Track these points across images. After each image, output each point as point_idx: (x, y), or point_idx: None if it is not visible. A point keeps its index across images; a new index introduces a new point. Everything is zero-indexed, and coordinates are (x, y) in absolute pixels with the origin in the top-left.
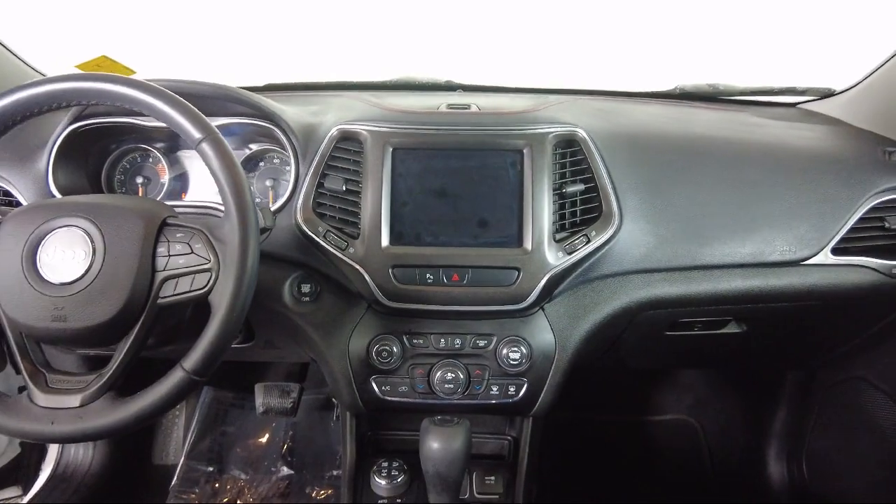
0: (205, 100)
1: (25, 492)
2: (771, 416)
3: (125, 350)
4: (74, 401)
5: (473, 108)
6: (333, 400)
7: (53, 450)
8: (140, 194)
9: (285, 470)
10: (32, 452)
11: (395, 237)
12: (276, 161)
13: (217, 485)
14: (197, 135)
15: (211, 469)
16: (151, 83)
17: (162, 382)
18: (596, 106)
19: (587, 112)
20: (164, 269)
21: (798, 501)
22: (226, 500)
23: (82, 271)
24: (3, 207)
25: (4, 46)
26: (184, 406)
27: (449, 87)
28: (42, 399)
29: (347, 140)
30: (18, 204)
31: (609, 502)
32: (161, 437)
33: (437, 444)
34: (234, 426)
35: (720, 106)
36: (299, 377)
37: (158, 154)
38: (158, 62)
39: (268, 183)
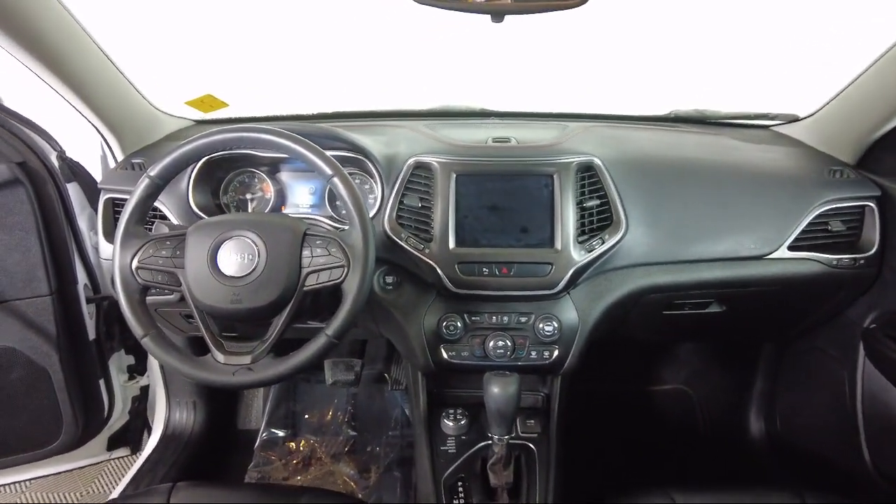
0: (318, 139)
1: (134, 452)
2: (751, 382)
3: (280, 323)
4: (247, 360)
5: (513, 142)
6: (386, 375)
7: (161, 416)
8: (249, 208)
9: (349, 432)
10: (137, 420)
11: (460, 241)
12: (357, 182)
13: (293, 445)
14: (329, 171)
15: (286, 433)
16: (290, 133)
17: (310, 344)
18: (606, 134)
19: (600, 141)
20: (308, 266)
21: (774, 449)
22: (300, 458)
23: (251, 268)
24: (159, 221)
25: (135, 88)
26: None
27: (483, 114)
28: (223, 358)
29: (420, 168)
30: (165, 218)
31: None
32: (244, 407)
33: (498, 389)
34: (304, 398)
35: (705, 129)
36: (360, 353)
37: (264, 176)
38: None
39: (338, 202)
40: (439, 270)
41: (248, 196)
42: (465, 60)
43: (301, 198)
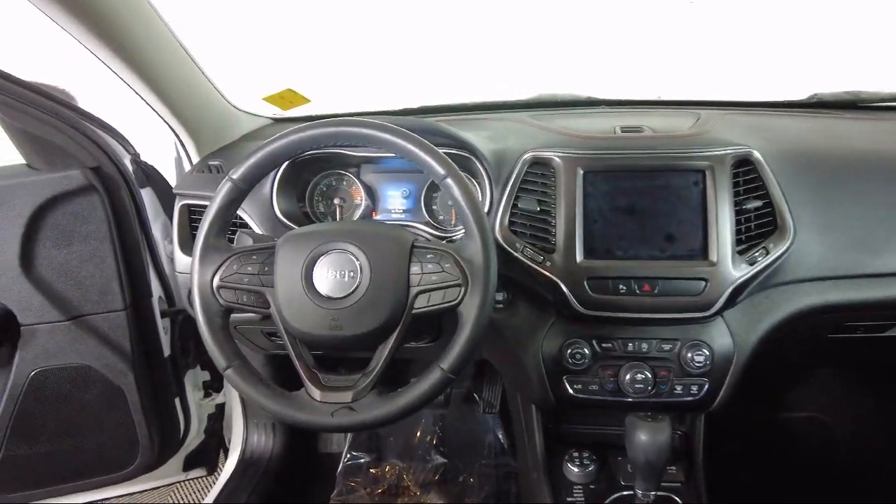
0: (419, 134)
1: (210, 472)
2: None
3: (386, 352)
4: (347, 396)
5: (648, 132)
6: (475, 395)
7: (238, 438)
8: (338, 214)
9: (438, 458)
10: (212, 439)
11: (589, 252)
12: None
13: (377, 471)
14: (442, 171)
15: (370, 458)
16: (395, 126)
17: (423, 380)
18: (749, 122)
19: (747, 131)
20: (418, 285)
21: None
22: (386, 486)
23: (352, 288)
24: (241, 231)
25: (211, 83)
26: None
27: (592, 103)
28: (319, 395)
29: (538, 164)
30: (245, 225)
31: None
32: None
33: (647, 437)
34: None
35: (859, 114)
36: None
37: (353, 178)
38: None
39: (450, 202)
40: (564, 288)
41: (336, 201)
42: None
43: (393, 202)
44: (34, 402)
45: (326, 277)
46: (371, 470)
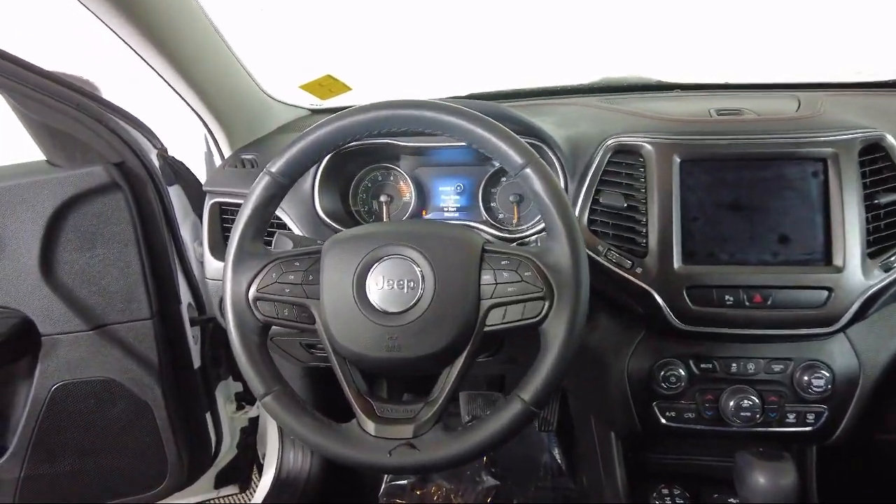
0: None
1: (243, 490)
2: None
3: (453, 378)
4: (407, 431)
5: (750, 115)
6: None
7: (273, 454)
8: (384, 213)
9: (490, 480)
10: (245, 455)
11: (688, 255)
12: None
13: (422, 493)
14: (520, 160)
15: (414, 478)
16: (463, 108)
17: (499, 413)
18: (864, 103)
19: (862, 112)
20: (490, 297)
21: None
22: None
23: (413, 301)
24: (280, 233)
25: (245, 70)
26: None
27: (663, 87)
28: (373, 428)
29: (624, 153)
30: (283, 226)
31: None
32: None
33: (766, 480)
34: None
35: None
36: (499, 385)
37: (402, 172)
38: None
39: (511, 197)
40: (659, 299)
41: (382, 199)
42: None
43: (445, 199)
44: (56, 418)
45: (382, 288)
46: (416, 491)
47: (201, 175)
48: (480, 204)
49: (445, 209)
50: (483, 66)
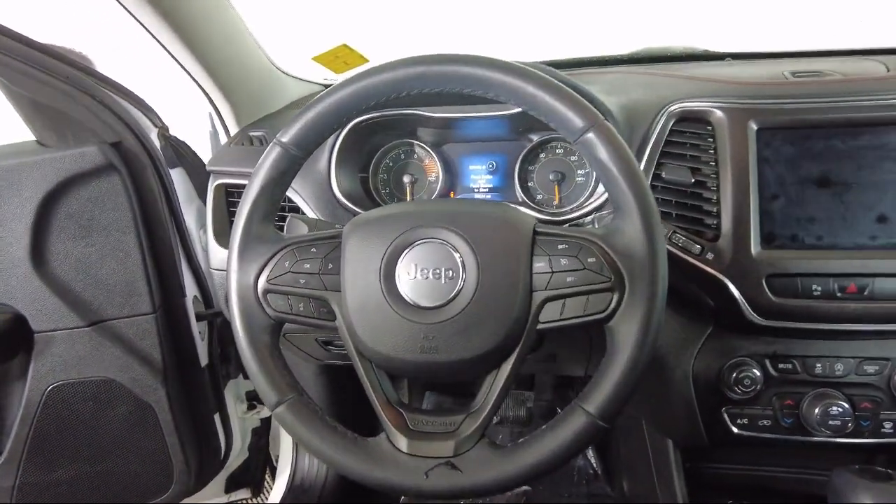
0: None
1: (255, 494)
2: None
3: (501, 384)
4: (447, 448)
5: (836, 75)
6: (559, 410)
7: (287, 457)
8: (408, 195)
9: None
10: (258, 456)
11: (768, 239)
12: (559, 151)
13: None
14: (580, 122)
15: None
16: (512, 63)
17: (559, 427)
18: None
19: None
20: (545, 289)
21: None
22: None
23: (452, 293)
24: (293, 217)
25: (255, 41)
26: None
27: (711, 56)
28: (406, 444)
29: (689, 121)
30: (296, 209)
31: None
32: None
33: (873, 502)
34: None
35: None
36: (529, 384)
37: (428, 149)
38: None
39: (551, 176)
40: (734, 289)
41: (406, 179)
42: None
43: (476, 179)
44: (52, 421)
45: (415, 278)
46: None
47: (206, 157)
48: (517, 183)
49: (476, 190)
50: (507, 38)
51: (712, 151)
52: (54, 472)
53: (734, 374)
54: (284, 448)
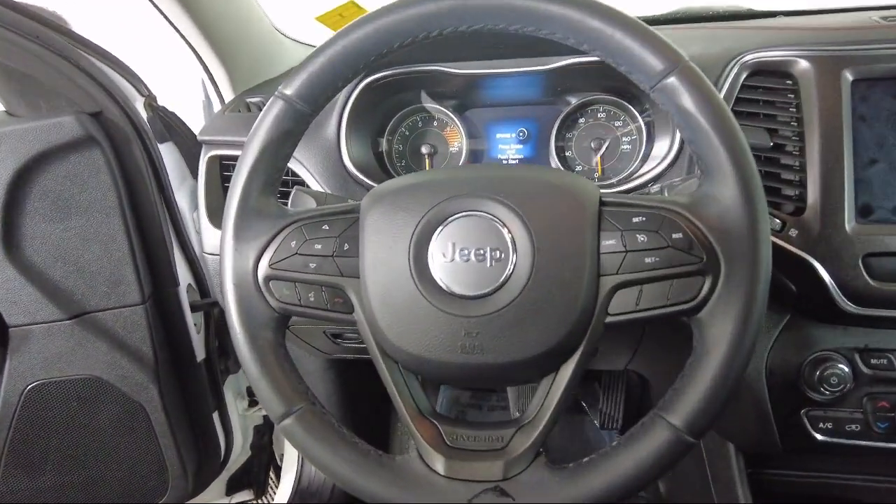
0: None
1: (258, 496)
2: None
3: (560, 391)
4: (496, 470)
5: None
6: (583, 404)
7: (292, 456)
8: (427, 168)
9: None
10: (261, 455)
11: (864, 213)
12: (601, 115)
13: None
14: (660, 64)
15: None
16: None
17: (636, 443)
18: None
19: None
20: (616, 273)
21: None
22: None
23: (500, 279)
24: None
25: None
26: None
27: (759, 15)
28: (443, 465)
29: (765, 74)
30: (301, 183)
31: None
32: (397, 447)
33: None
34: None
35: None
36: None
37: (449, 114)
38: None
39: (592, 144)
40: (822, 271)
41: (425, 150)
42: None
43: (505, 149)
44: (32, 424)
45: (453, 261)
46: None
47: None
48: (553, 153)
49: (505, 160)
50: None
51: (794, 109)
52: (37, 479)
53: (818, 372)
54: (290, 450)
